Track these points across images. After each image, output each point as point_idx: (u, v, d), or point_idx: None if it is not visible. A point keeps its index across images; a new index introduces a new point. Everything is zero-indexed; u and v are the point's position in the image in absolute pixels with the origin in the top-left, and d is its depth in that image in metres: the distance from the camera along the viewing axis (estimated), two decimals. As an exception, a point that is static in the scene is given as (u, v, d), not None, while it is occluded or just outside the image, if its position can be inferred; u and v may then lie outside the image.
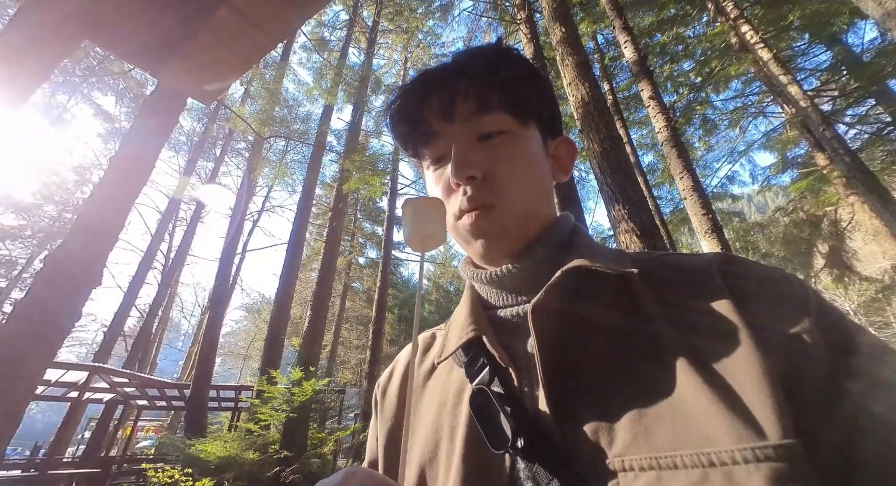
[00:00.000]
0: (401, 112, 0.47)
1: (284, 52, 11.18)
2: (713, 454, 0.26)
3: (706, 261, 0.40)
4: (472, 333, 0.42)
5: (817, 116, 5.66)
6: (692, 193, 3.72)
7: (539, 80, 0.48)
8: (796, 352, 0.31)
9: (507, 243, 0.43)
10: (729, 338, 0.32)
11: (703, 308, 0.35)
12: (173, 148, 16.74)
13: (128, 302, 12.12)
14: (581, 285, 0.39)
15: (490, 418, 0.35)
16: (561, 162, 0.50)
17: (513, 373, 0.38)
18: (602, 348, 0.35)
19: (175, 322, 30.98)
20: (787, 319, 0.33)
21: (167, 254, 16.40)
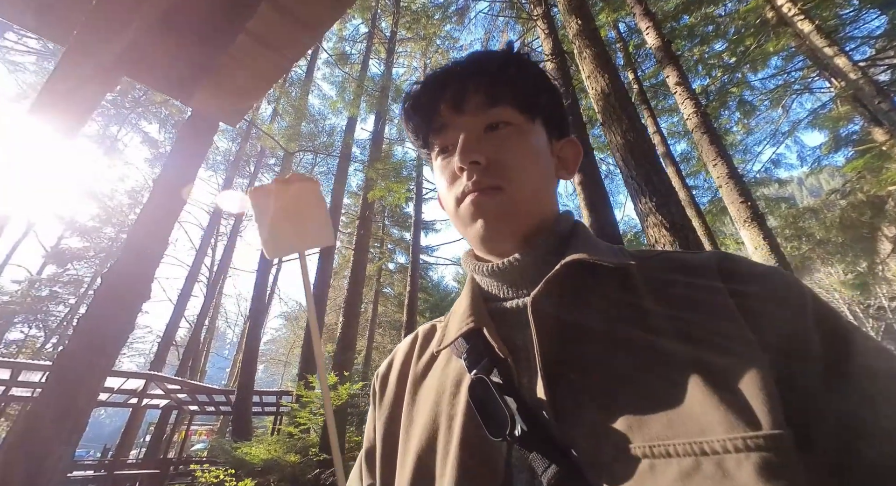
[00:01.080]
0: (415, 104, 0.50)
1: (308, 69, 11.65)
2: (705, 443, 0.27)
3: (705, 259, 0.41)
4: (471, 323, 0.43)
5: (871, 87, 5.17)
6: (728, 180, 3.51)
7: (547, 82, 0.51)
8: (793, 351, 0.32)
9: (508, 226, 0.44)
10: (726, 334, 0.33)
11: (702, 305, 0.36)
12: (211, 168, 17.86)
13: (178, 314, 12.99)
14: (581, 278, 0.40)
15: (488, 407, 0.36)
16: (566, 162, 0.52)
17: (511, 364, 0.39)
18: (600, 340, 0.36)
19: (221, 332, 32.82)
20: (784, 318, 0.34)
21: (210, 267, 17.44)
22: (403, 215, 16.06)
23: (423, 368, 0.49)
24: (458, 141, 0.45)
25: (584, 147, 4.01)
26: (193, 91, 1.83)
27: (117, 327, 2.25)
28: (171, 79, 1.81)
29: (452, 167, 0.46)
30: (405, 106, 0.51)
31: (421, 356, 0.51)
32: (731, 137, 9.09)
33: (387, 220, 16.43)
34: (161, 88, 1.88)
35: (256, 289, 9.07)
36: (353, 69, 12.48)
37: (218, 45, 1.67)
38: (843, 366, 0.32)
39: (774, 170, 9.24)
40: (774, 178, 9.33)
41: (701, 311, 0.35)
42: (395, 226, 17.18)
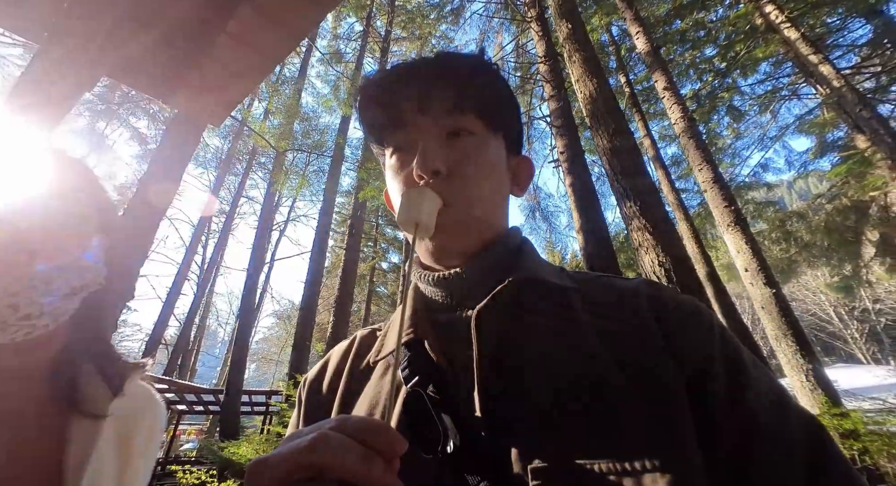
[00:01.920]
0: (375, 96, 0.47)
1: (302, 67, 11.58)
2: (627, 464, 0.29)
3: (635, 285, 0.43)
4: (411, 334, 0.42)
5: (853, 95, 5.28)
6: (713, 185, 3.56)
7: (512, 97, 0.51)
8: (703, 372, 0.35)
9: (460, 241, 0.44)
10: (652, 356, 0.35)
11: (632, 326, 0.38)
12: (202, 165, 17.65)
13: (167, 312, 12.84)
14: (525, 295, 0.41)
15: (422, 421, 0.35)
16: (519, 178, 0.52)
17: (449, 377, 0.38)
18: (539, 358, 0.36)
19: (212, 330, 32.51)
20: (697, 343, 0.37)
21: (201, 265, 17.27)
22: (397, 215, 16.01)
23: (357, 376, 0.46)
24: (419, 144, 0.43)
25: (576, 149, 4.04)
26: (175, 91, 1.81)
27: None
28: (152, 79, 1.79)
29: (408, 171, 0.44)
30: (363, 95, 0.48)
31: (356, 364, 0.48)
32: (720, 142, 9.21)
33: (380, 219, 16.39)
34: (142, 87, 1.87)
35: (246, 287, 9.01)
36: (347, 68, 12.42)
37: (198, 45, 1.66)
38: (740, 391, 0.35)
39: (763, 174, 9.38)
40: (763, 182, 9.46)
41: (631, 333, 0.37)
42: (389, 225, 17.14)
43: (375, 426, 0.24)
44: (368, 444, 0.23)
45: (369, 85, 0.48)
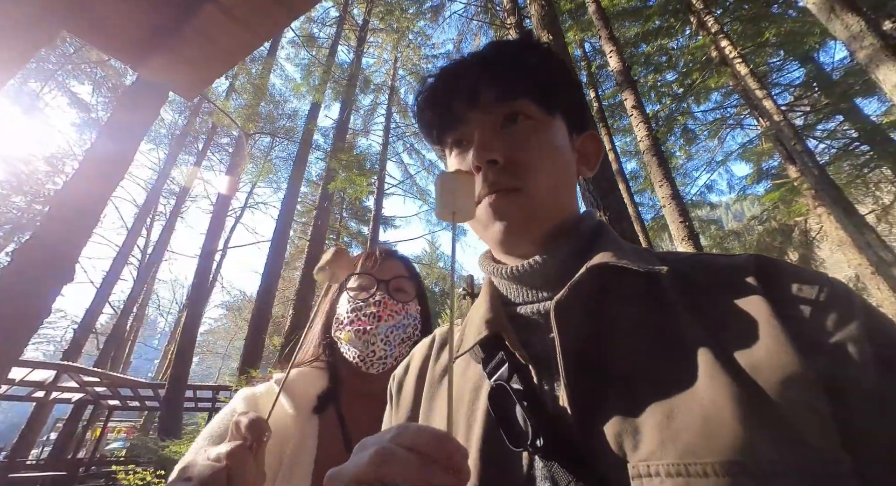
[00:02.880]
0: (428, 98, 0.47)
1: (272, 47, 11.01)
2: (749, 463, 0.25)
3: (742, 262, 0.38)
4: (490, 329, 0.41)
5: (790, 129, 5.92)
6: (671, 201, 3.85)
7: (567, 73, 0.48)
8: (841, 361, 0.29)
9: (528, 229, 0.42)
10: (766, 344, 0.30)
11: (738, 312, 0.33)
12: (153, 141, 16.25)
13: (101, 298, 11.70)
14: (606, 282, 0.38)
15: (508, 415, 0.34)
16: (587, 157, 0.49)
17: (532, 371, 0.37)
18: (627, 347, 0.34)
19: (151, 320, 30.05)
20: (831, 326, 0.31)
21: (144, 249, 15.89)
22: (363, 209, 15.70)
23: (440, 372, 0.47)
24: (474, 137, 0.42)
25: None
26: (144, 56, 1.67)
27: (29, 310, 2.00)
28: (121, 40, 1.64)
29: (468, 164, 0.43)
30: (418, 99, 0.48)
31: (438, 360, 0.49)
32: (674, 161, 9.94)
33: (345, 212, 15.97)
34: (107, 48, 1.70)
35: (198, 275, 8.43)
36: (320, 53, 11.98)
37: (180, 11, 1.54)
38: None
39: (708, 194, 10.27)
40: (707, 201, 10.36)
41: (737, 319, 0.33)
42: (354, 219, 16.75)
43: (433, 436, 0.23)
44: (427, 454, 0.23)
45: (421, 92, 0.48)
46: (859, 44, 3.16)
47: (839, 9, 3.28)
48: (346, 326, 0.79)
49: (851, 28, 3.17)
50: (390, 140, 13.53)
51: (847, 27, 3.20)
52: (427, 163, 14.82)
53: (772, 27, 7.14)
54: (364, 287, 0.82)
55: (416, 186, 14.58)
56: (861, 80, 6.29)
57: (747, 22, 7.59)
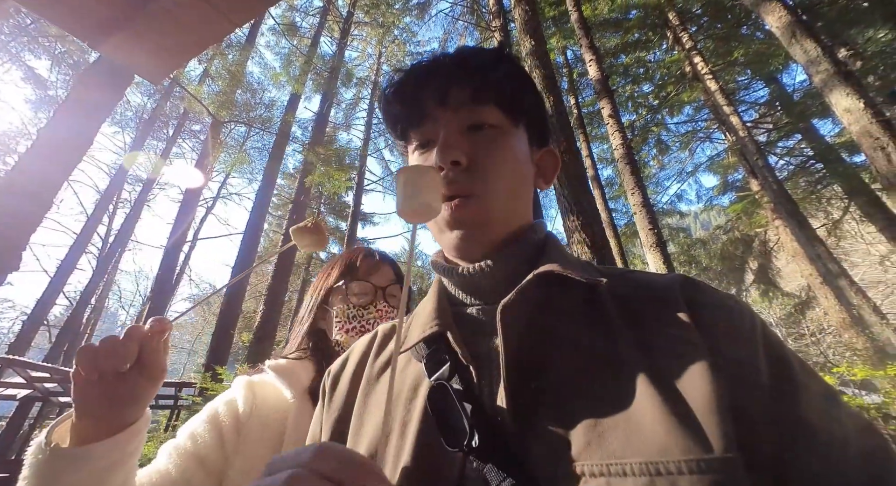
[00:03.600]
0: (397, 92, 0.48)
1: (251, 33, 10.64)
2: (661, 464, 0.27)
3: (670, 281, 0.41)
4: (436, 327, 0.41)
5: (753, 145, 6.26)
6: (641, 208, 4.00)
7: (534, 88, 0.50)
8: (744, 375, 0.33)
9: (483, 235, 0.43)
10: (685, 356, 0.33)
11: (664, 326, 0.36)
12: (118, 124, 15.37)
13: (54, 289, 10.98)
14: (550, 290, 0.40)
15: (446, 414, 0.35)
16: (545, 171, 0.51)
17: (473, 371, 0.38)
18: (565, 353, 0.36)
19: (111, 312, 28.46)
20: (738, 344, 0.35)
21: (105, 238, 15.03)
22: (341, 204, 15.45)
23: (379, 369, 0.47)
24: (439, 137, 0.43)
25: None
26: (105, 35, 1.58)
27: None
28: (77, 14, 1.55)
29: (430, 164, 0.43)
30: (386, 92, 0.49)
31: (378, 356, 0.49)
32: (647, 170, 10.32)
33: (323, 207, 15.67)
34: (65, 25, 1.60)
35: (164, 266, 8.05)
36: (301, 43, 11.68)
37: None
38: (786, 390, 0.33)
39: (678, 203, 10.73)
40: (677, 210, 10.83)
41: (663, 331, 0.36)
42: (332, 214, 16.47)
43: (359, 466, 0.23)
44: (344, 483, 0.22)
45: (391, 85, 0.48)
46: (815, 68, 3.39)
47: (799, 34, 3.50)
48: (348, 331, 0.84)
49: (809, 53, 3.38)
50: (372, 135, 13.36)
51: (806, 52, 3.42)
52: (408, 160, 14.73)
53: (741, 47, 7.53)
54: (364, 293, 0.86)
55: (396, 183, 14.45)
56: (818, 102, 6.73)
57: (719, 40, 7.97)
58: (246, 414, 0.70)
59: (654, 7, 7.85)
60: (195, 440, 0.67)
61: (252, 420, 0.69)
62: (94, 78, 1.96)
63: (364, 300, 0.84)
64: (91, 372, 0.46)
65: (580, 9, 5.75)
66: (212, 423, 0.69)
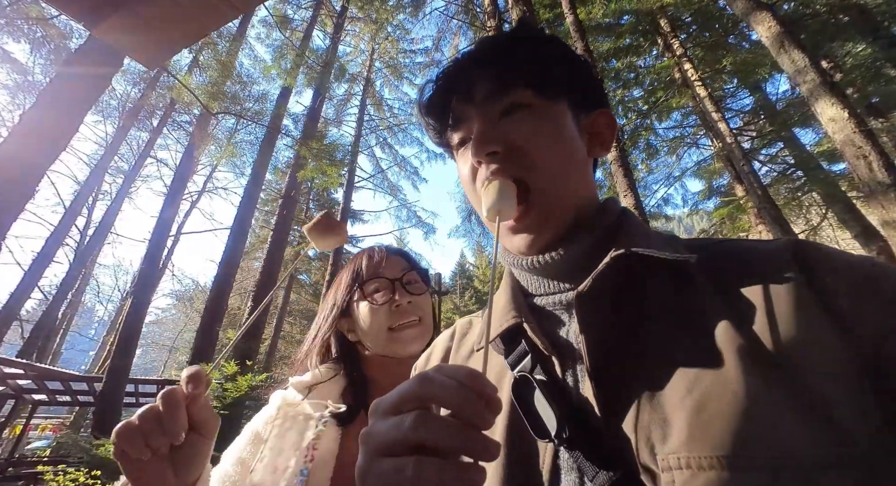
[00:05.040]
0: (428, 103, 0.48)
1: (242, 24, 10.43)
2: (787, 458, 0.25)
3: (777, 248, 0.36)
4: (512, 320, 0.40)
5: (739, 151, 6.44)
6: (633, 210, 4.07)
7: (567, 54, 0.47)
8: (887, 346, 0.28)
9: (548, 233, 0.41)
10: (801, 331, 0.29)
11: (772, 298, 0.32)
12: (101, 112, 14.88)
13: (29, 282, 10.57)
14: (632, 272, 0.37)
15: (532, 406, 0.34)
16: (600, 136, 0.47)
17: (556, 361, 0.36)
18: (653, 338, 0.33)
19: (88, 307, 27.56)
20: (875, 308, 0.30)
21: (84, 230, 14.54)
22: (331, 201, 15.29)
23: (461, 362, 0.47)
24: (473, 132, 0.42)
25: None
26: (102, 15, 1.52)
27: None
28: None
29: (471, 161, 0.43)
30: (420, 109, 0.49)
31: (459, 350, 0.49)
32: (636, 174, 10.49)
33: (312, 203, 15.48)
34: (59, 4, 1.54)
35: (146, 260, 7.83)
36: (293, 35, 11.50)
37: (148, -28, 1.42)
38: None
39: (665, 207, 10.94)
40: (664, 213, 11.04)
41: (771, 306, 0.31)
42: (321, 211, 16.29)
43: (468, 371, 0.25)
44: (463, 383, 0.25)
45: (422, 101, 0.48)
46: (803, 78, 3.50)
47: (788, 45, 3.61)
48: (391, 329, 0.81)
49: (797, 63, 3.50)
50: (363, 132, 13.25)
51: (794, 62, 3.53)
52: (399, 158, 14.68)
53: (729, 56, 7.73)
54: (380, 289, 0.83)
55: (387, 181, 14.38)
56: (799, 111, 6.97)
57: (708, 48, 8.17)
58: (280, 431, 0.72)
59: (647, 13, 7.99)
60: (245, 467, 0.67)
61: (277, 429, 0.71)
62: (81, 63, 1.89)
63: (384, 298, 0.82)
64: (142, 452, 0.42)
65: (575, 12, 5.81)
66: (256, 445, 0.70)
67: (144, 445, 0.42)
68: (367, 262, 0.86)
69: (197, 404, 0.46)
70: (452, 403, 0.24)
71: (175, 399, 0.44)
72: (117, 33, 1.64)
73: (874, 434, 0.25)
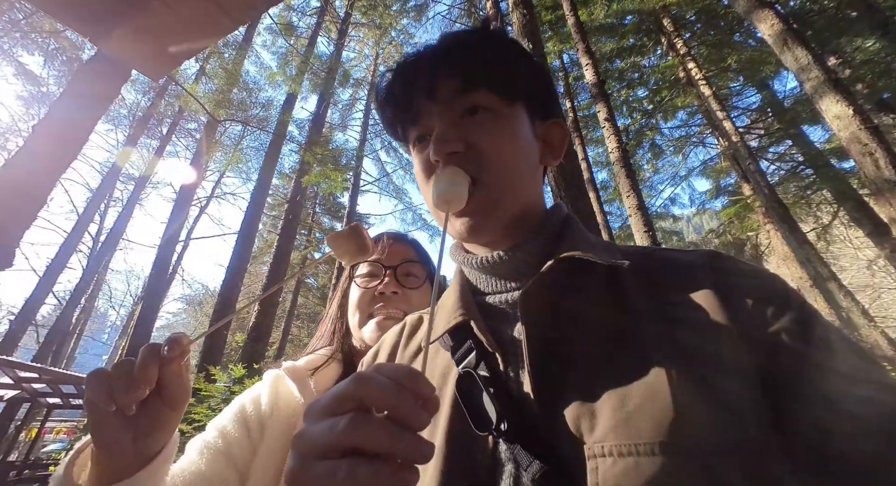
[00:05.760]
0: (387, 94, 0.47)
1: (247, 33, 10.60)
2: (692, 444, 0.28)
3: (697, 256, 0.41)
4: (460, 317, 0.42)
5: (745, 150, 6.36)
6: (637, 211, 4.05)
7: (527, 61, 0.48)
8: (776, 348, 0.33)
9: (489, 220, 0.42)
10: (712, 333, 0.33)
11: (690, 303, 0.36)
12: (112, 121, 15.22)
13: (44, 288, 10.82)
14: (571, 274, 0.40)
15: (474, 400, 0.35)
16: (551, 145, 0.49)
17: (499, 358, 0.38)
18: (588, 337, 0.36)
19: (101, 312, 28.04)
20: (769, 317, 0.34)
21: (96, 237, 14.84)
22: (337, 205, 15.41)
23: (409, 359, 0.48)
24: (434, 130, 0.43)
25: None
26: (107, 31, 1.58)
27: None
28: (83, 13, 1.54)
29: (428, 157, 0.43)
30: (378, 98, 0.49)
31: (407, 346, 0.50)
32: (641, 174, 10.42)
33: (318, 207, 15.61)
34: (67, 21, 1.60)
35: (156, 266, 7.97)
36: (298, 43, 11.65)
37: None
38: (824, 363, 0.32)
39: (671, 206, 10.83)
40: (670, 213, 10.93)
41: (689, 309, 0.35)
42: (327, 215, 16.41)
43: (407, 370, 0.26)
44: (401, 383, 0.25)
45: (382, 90, 0.48)
46: (807, 75, 3.46)
47: (791, 42, 3.57)
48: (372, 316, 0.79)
49: (801, 60, 3.46)
50: (368, 137, 13.35)
51: (797, 59, 3.49)
52: (404, 162, 14.73)
53: (734, 54, 7.66)
54: (373, 274, 0.81)
55: (392, 184, 14.46)
56: (808, 108, 6.86)
57: (712, 47, 8.10)
58: (268, 412, 0.70)
59: (650, 13, 7.96)
60: (225, 437, 0.67)
61: (273, 419, 0.69)
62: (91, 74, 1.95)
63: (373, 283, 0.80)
64: (106, 403, 0.41)
65: (577, 13, 5.82)
66: (239, 419, 0.69)
67: (109, 396, 0.41)
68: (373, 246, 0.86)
69: (170, 369, 0.44)
70: (388, 405, 0.24)
71: (151, 354, 0.43)
72: (122, 46, 1.70)
73: (765, 427, 0.29)
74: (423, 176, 0.46)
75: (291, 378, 0.73)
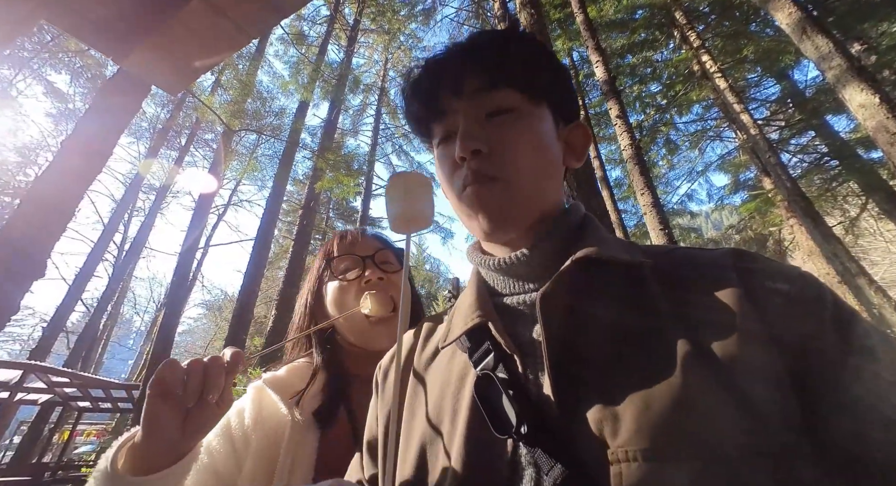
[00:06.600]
0: (414, 89, 0.47)
1: (260, 44, 10.86)
2: (717, 448, 0.27)
3: (720, 255, 0.39)
4: (477, 319, 0.41)
5: (765, 143, 6.17)
6: (651, 209, 3.97)
7: (554, 63, 0.48)
8: (809, 350, 0.31)
9: (511, 218, 0.42)
10: (739, 335, 0.32)
11: (714, 304, 0.34)
12: (134, 134, 15.80)
13: (73, 296, 11.26)
14: (591, 274, 0.39)
15: (493, 403, 0.35)
16: (574, 148, 0.49)
17: (517, 360, 0.38)
18: (608, 338, 0.35)
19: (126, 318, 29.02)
20: (801, 317, 0.33)
21: (121, 245, 15.39)
22: (350, 209, 15.58)
23: (426, 361, 0.48)
24: (459, 128, 0.43)
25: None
26: (128, 49, 1.65)
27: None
28: (102, 31, 1.61)
29: (453, 156, 0.43)
30: (405, 91, 0.49)
31: (424, 349, 0.50)
32: (656, 170, 10.21)
33: (332, 212, 15.82)
34: (90, 41, 1.67)
35: (177, 272, 8.21)
36: (309, 51, 11.87)
37: (167, 5, 1.53)
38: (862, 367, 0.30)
39: (688, 203, 10.57)
40: (688, 210, 10.67)
41: (714, 310, 0.34)
42: (340, 219, 16.61)
43: None
44: None
45: (408, 83, 0.48)
46: (828, 64, 3.34)
47: (810, 30, 3.46)
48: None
49: (821, 49, 3.34)
50: (379, 141, 13.48)
51: (817, 48, 3.37)
52: (416, 165, 14.82)
53: (750, 44, 7.45)
54: (351, 267, 0.80)
55: (404, 187, 14.51)
56: (831, 98, 6.61)
57: (727, 38, 7.89)
58: (251, 426, 0.70)
59: (661, 6, 7.81)
60: (211, 454, 0.67)
61: (257, 432, 0.69)
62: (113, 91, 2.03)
63: (353, 274, 0.79)
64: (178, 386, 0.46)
65: (585, 10, 5.76)
66: (225, 435, 0.69)
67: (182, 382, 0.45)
68: (338, 242, 0.84)
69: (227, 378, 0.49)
70: None
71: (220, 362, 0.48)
72: (142, 64, 1.76)
73: (795, 431, 0.28)
74: (446, 174, 0.46)
75: (273, 390, 0.72)
